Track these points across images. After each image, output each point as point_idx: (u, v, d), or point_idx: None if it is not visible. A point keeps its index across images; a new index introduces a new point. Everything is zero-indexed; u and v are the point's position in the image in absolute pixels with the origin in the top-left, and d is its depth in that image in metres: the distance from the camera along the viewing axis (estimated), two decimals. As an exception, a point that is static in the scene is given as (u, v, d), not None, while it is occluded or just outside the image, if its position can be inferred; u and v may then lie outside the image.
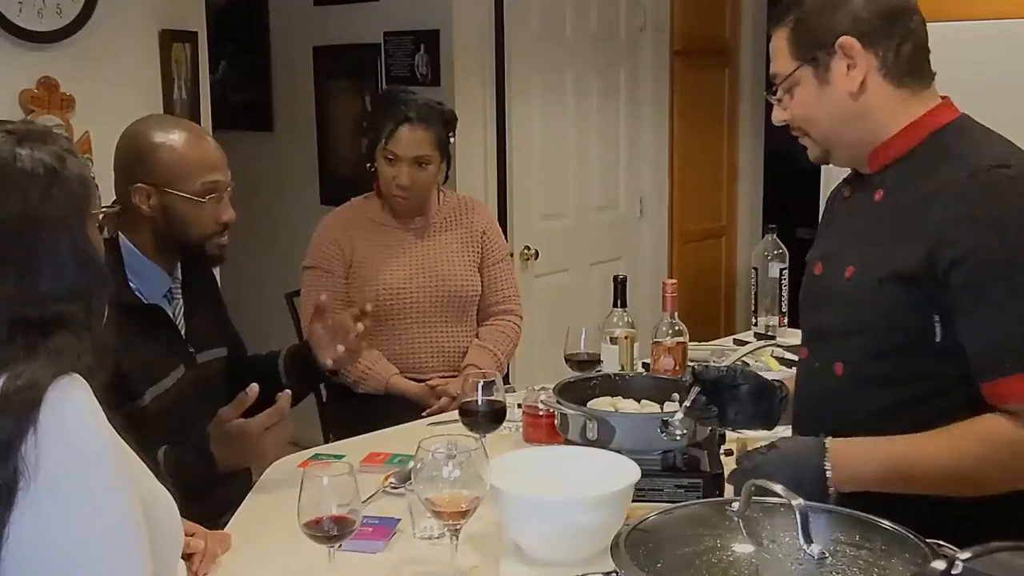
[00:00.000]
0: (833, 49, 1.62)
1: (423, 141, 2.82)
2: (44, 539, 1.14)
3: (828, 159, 1.75)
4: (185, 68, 3.41)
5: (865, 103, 1.64)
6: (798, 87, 1.68)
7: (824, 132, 1.70)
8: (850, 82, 1.63)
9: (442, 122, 2.87)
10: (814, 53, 1.64)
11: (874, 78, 1.63)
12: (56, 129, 2.29)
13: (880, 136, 1.66)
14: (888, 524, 1.26)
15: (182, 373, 2.13)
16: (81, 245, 1.28)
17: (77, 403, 1.18)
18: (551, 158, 4.34)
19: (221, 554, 1.76)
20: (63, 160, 1.29)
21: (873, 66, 1.63)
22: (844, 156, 1.73)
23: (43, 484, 1.14)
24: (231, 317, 2.47)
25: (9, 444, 1.14)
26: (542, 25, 4.23)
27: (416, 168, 2.83)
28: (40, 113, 2.90)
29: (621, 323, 2.55)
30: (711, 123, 4.92)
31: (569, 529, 1.60)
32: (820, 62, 1.64)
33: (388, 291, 2.87)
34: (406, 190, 2.84)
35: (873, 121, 1.65)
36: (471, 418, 2.03)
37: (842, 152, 1.72)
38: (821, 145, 1.72)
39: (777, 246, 3.05)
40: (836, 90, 1.64)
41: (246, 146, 4.75)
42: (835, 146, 1.71)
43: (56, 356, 1.19)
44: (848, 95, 1.64)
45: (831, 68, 1.64)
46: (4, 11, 2.84)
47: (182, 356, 2.15)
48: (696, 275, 4.88)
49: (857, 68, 1.62)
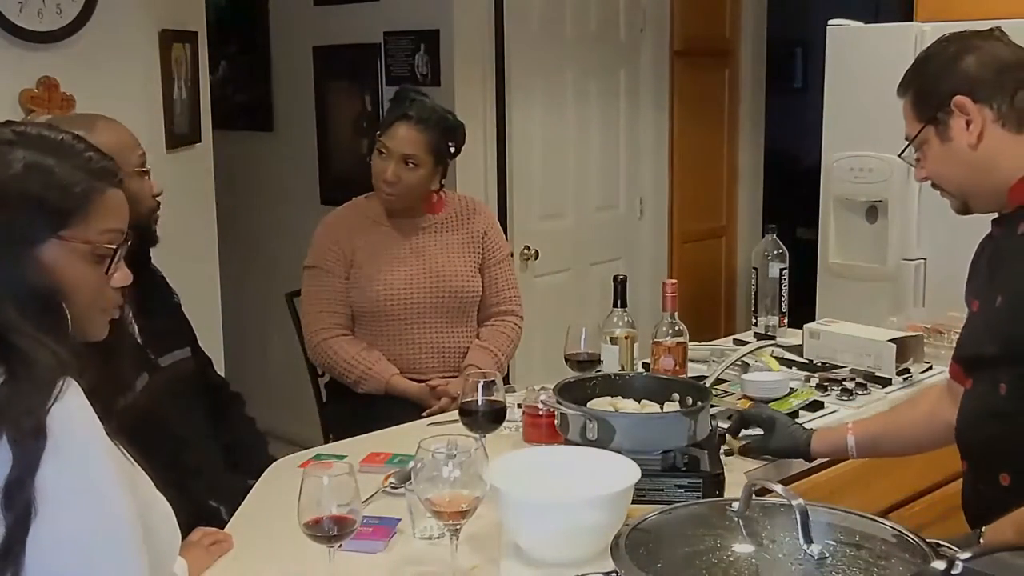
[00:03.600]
0: (950, 108, 1.77)
1: (415, 141, 2.81)
2: (44, 544, 1.14)
3: (968, 209, 1.87)
4: (185, 68, 3.41)
5: (987, 152, 1.77)
6: (926, 146, 1.83)
7: (957, 184, 1.83)
8: (969, 136, 1.77)
9: (441, 128, 2.85)
10: (934, 114, 1.79)
11: (991, 129, 1.76)
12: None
13: (1011, 179, 1.77)
14: (888, 524, 1.26)
15: (147, 381, 2.07)
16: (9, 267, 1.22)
17: (77, 417, 1.18)
18: (551, 158, 4.34)
19: (219, 556, 1.76)
20: (39, 170, 1.25)
21: (988, 118, 1.76)
22: (982, 203, 1.85)
23: (52, 503, 1.14)
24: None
25: (21, 480, 1.13)
26: (542, 25, 4.23)
27: (403, 167, 2.82)
28: (40, 113, 2.90)
29: (621, 323, 2.55)
30: (711, 123, 4.92)
31: (569, 529, 1.60)
32: (940, 121, 1.79)
33: (389, 291, 2.86)
34: (390, 186, 2.83)
35: (999, 167, 1.77)
36: (471, 418, 2.03)
37: (978, 201, 1.84)
38: (958, 198, 1.86)
39: (777, 246, 3.05)
40: (958, 145, 1.78)
41: (246, 146, 4.76)
42: (970, 196, 1.84)
43: (29, 369, 1.17)
44: (969, 148, 1.77)
45: (951, 125, 1.78)
46: (4, 11, 2.84)
47: (143, 363, 2.09)
48: (696, 275, 4.88)
49: (974, 123, 1.76)
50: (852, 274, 3.75)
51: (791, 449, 2.10)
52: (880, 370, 2.64)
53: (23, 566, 1.13)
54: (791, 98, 5.93)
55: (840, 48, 3.67)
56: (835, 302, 3.72)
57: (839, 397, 2.50)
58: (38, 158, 1.26)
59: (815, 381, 2.59)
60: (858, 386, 2.55)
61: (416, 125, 2.81)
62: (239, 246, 4.46)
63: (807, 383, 2.58)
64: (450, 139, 2.87)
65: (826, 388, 2.54)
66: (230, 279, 3.80)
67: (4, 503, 1.13)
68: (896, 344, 2.63)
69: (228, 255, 3.77)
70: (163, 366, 2.15)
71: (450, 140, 2.87)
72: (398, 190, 2.84)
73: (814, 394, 2.50)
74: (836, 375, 2.62)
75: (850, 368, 2.68)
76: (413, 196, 2.89)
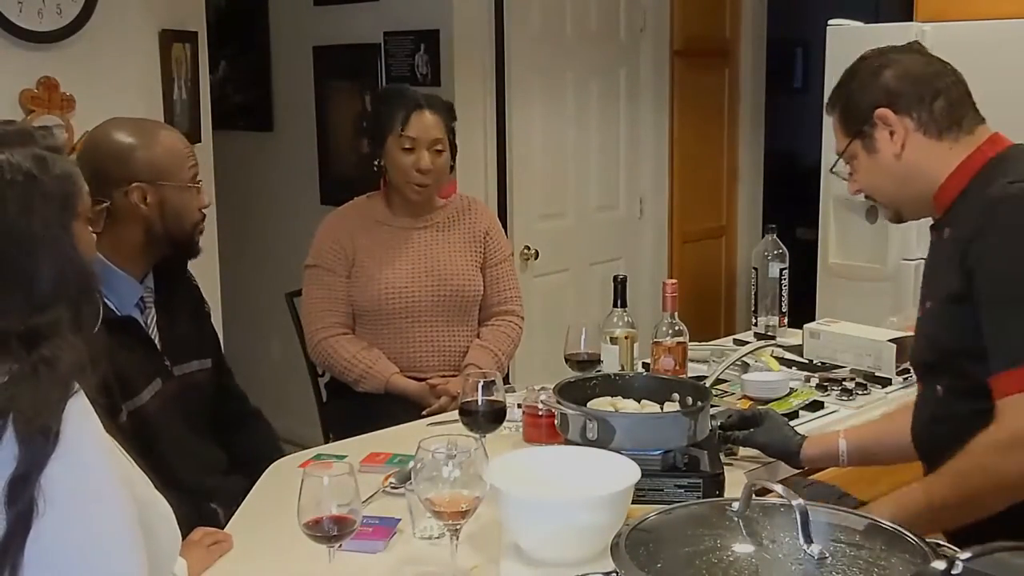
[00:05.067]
0: (873, 121, 1.82)
1: (437, 125, 2.85)
2: (44, 544, 1.14)
3: (901, 218, 1.94)
4: (185, 68, 3.41)
5: (911, 161, 1.82)
6: (855, 160, 1.88)
7: (887, 194, 1.90)
8: (893, 146, 1.82)
9: (446, 111, 2.91)
10: (860, 127, 1.85)
11: (913, 138, 1.81)
12: (56, 129, 2.29)
13: (935, 185, 1.82)
14: (888, 524, 1.26)
15: (160, 387, 2.08)
16: (67, 252, 1.25)
17: (84, 418, 1.18)
18: (551, 158, 4.34)
19: (219, 556, 1.76)
20: (44, 163, 1.26)
21: (910, 128, 1.81)
22: (912, 210, 1.91)
23: (51, 501, 1.14)
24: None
25: (27, 476, 1.13)
26: (542, 25, 4.23)
27: (434, 154, 2.84)
28: (40, 113, 2.90)
29: (621, 323, 2.55)
30: (711, 123, 4.92)
31: (569, 529, 1.60)
32: (866, 134, 1.84)
33: (390, 290, 2.87)
34: (426, 175, 2.84)
35: (924, 174, 1.82)
36: (471, 418, 2.03)
37: (909, 208, 1.91)
38: (890, 208, 1.92)
39: (777, 246, 3.05)
40: (884, 156, 1.83)
41: (246, 146, 4.76)
42: (901, 205, 1.90)
43: (52, 369, 1.17)
44: (894, 158, 1.82)
45: (876, 138, 1.83)
46: (4, 11, 2.84)
47: (159, 369, 2.11)
48: (696, 275, 4.88)
49: (897, 133, 1.81)
50: (852, 274, 3.75)
51: (780, 446, 2.08)
52: (880, 370, 2.64)
53: (21, 564, 1.13)
54: (791, 98, 5.94)
55: (840, 48, 3.67)
56: (835, 302, 3.72)
57: (839, 397, 2.50)
58: (31, 151, 1.27)
59: (815, 381, 2.60)
60: (858, 386, 2.55)
61: (430, 110, 2.85)
62: (239, 246, 4.46)
63: (807, 383, 2.58)
64: (453, 119, 2.94)
65: (826, 388, 2.55)
66: (230, 279, 3.80)
67: (8, 500, 1.13)
68: (896, 344, 2.63)
69: (228, 255, 3.77)
70: (176, 375, 2.15)
71: (453, 119, 2.94)
72: (432, 178, 2.86)
73: (814, 394, 2.50)
74: (836, 375, 2.62)
75: (850, 368, 2.69)
76: (439, 183, 2.92)
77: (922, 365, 1.90)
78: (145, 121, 2.20)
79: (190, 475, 2.04)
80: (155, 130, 2.13)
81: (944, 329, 1.78)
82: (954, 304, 1.73)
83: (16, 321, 1.20)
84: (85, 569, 1.16)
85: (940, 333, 1.79)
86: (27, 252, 1.22)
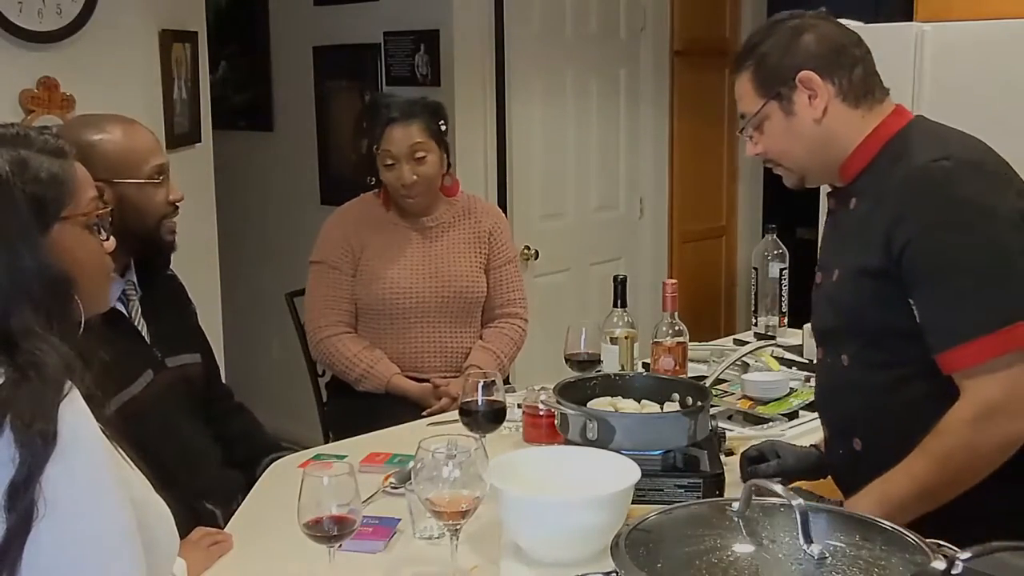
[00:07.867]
0: (794, 84, 1.79)
1: (414, 133, 2.83)
2: (42, 546, 1.14)
3: (804, 184, 1.92)
4: (185, 68, 3.41)
5: (829, 126, 1.80)
6: (767, 122, 1.84)
7: (797, 159, 1.86)
8: (814, 110, 1.80)
9: (427, 113, 2.87)
10: (778, 89, 1.81)
11: (834, 103, 1.80)
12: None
13: (846, 152, 1.82)
14: (888, 524, 1.26)
15: (151, 378, 2.07)
16: (25, 257, 1.21)
17: (81, 419, 1.18)
18: (551, 158, 4.34)
19: (219, 556, 1.76)
20: (24, 165, 1.25)
21: (832, 93, 1.80)
22: (818, 177, 1.90)
23: (53, 499, 1.14)
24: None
25: (28, 479, 1.13)
26: (542, 25, 4.23)
27: (415, 163, 2.83)
28: (40, 113, 2.90)
29: (621, 323, 2.55)
30: (711, 123, 4.92)
31: (569, 529, 1.60)
32: (784, 96, 1.81)
33: (394, 290, 2.87)
34: (412, 187, 2.84)
35: (838, 141, 1.81)
36: (471, 418, 2.03)
37: (815, 174, 1.89)
38: (796, 172, 1.89)
39: (777, 246, 3.05)
40: (802, 119, 1.81)
41: (246, 146, 4.76)
42: (808, 170, 1.88)
43: (40, 371, 1.17)
44: (813, 122, 1.80)
45: (795, 100, 1.80)
46: (4, 11, 2.84)
47: (149, 360, 2.09)
48: (696, 275, 4.88)
49: (819, 97, 1.79)
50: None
51: (806, 463, 2.02)
52: (880, 370, 2.63)
53: (19, 567, 1.13)
54: (791, 98, 5.93)
55: (840, 48, 3.67)
56: (835, 302, 3.71)
57: (839, 397, 2.50)
58: (14, 153, 1.27)
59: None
60: (858, 386, 2.54)
61: (404, 120, 2.83)
62: (239, 246, 4.46)
63: (807, 383, 2.58)
64: (439, 118, 2.91)
65: (826, 388, 2.54)
66: (230, 279, 3.80)
67: (8, 503, 1.13)
68: (896, 344, 2.62)
69: (228, 255, 3.77)
70: (170, 366, 2.14)
71: (439, 119, 2.91)
72: (419, 188, 2.85)
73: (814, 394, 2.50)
74: (836, 375, 2.62)
75: (850, 368, 2.68)
76: (432, 188, 2.91)
77: (826, 332, 1.89)
78: (107, 117, 2.14)
79: (184, 468, 2.02)
80: (114, 126, 2.07)
81: (857, 300, 1.77)
82: (869, 278, 1.73)
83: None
84: (84, 571, 1.16)
85: (852, 303, 1.78)
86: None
